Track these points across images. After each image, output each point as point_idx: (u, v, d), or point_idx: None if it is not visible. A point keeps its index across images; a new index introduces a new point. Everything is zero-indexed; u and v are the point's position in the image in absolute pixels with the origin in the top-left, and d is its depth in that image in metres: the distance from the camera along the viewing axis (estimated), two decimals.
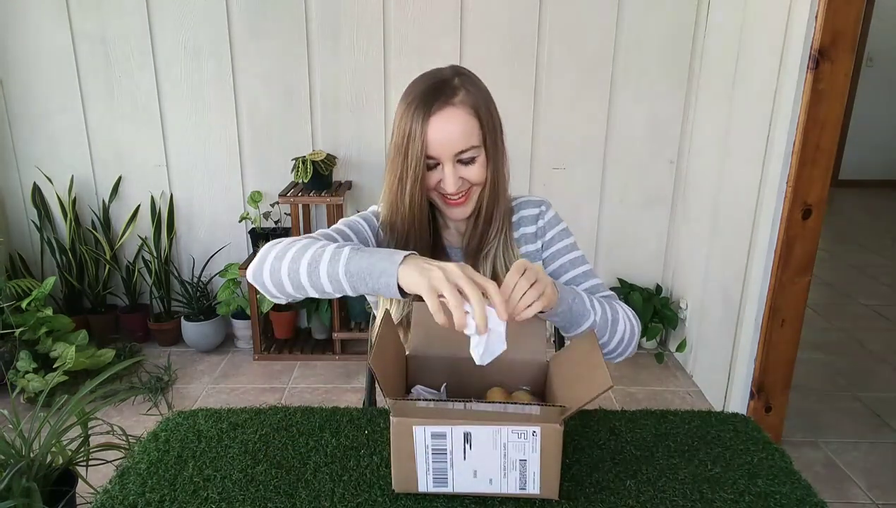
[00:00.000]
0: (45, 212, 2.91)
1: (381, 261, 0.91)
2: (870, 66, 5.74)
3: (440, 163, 1.07)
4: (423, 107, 1.05)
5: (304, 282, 0.98)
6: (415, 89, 1.08)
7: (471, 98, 1.07)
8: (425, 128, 1.04)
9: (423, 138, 1.04)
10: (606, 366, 0.85)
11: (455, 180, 1.07)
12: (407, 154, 1.06)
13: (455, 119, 1.05)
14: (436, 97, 1.05)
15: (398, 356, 1.00)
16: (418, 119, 1.04)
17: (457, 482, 0.86)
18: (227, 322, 3.04)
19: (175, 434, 1.02)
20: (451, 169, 1.07)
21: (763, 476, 0.93)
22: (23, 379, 2.42)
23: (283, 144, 2.86)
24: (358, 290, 0.95)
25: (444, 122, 1.05)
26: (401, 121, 1.07)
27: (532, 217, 1.23)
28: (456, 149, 1.06)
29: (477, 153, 1.08)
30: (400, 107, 1.08)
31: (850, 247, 4.60)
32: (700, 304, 2.73)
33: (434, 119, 1.04)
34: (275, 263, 1.00)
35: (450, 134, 1.05)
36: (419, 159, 1.05)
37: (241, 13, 2.71)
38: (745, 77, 2.36)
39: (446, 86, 1.07)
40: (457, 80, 1.08)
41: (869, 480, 2.14)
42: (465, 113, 1.06)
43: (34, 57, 2.76)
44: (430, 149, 1.05)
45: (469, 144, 1.07)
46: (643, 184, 2.92)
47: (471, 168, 1.09)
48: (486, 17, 2.70)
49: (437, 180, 1.09)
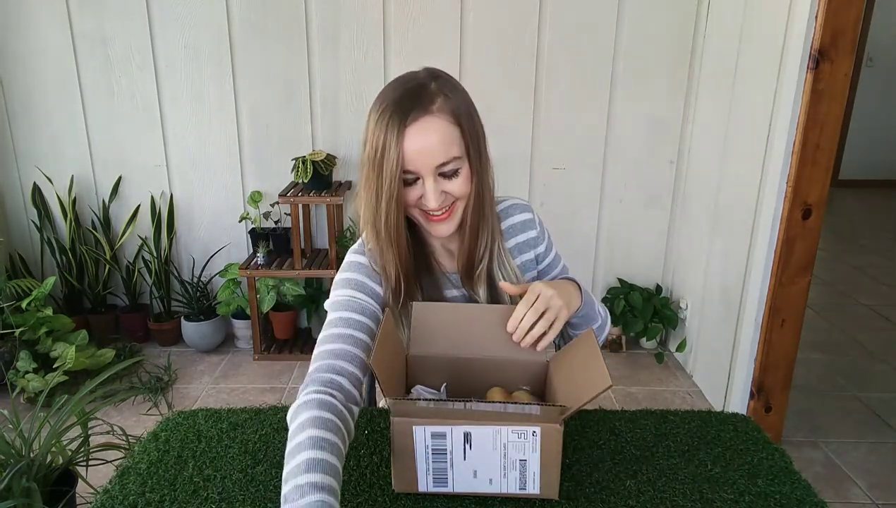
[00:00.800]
0: (45, 212, 2.91)
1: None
2: (870, 66, 5.74)
3: (419, 177, 0.98)
4: (398, 117, 0.94)
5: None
6: (387, 97, 0.97)
7: (450, 104, 0.97)
8: (401, 140, 0.94)
9: (399, 152, 0.94)
10: (606, 366, 0.85)
11: (437, 195, 0.98)
12: (381, 169, 0.96)
13: (434, 129, 0.95)
14: (412, 105, 0.95)
15: (398, 356, 1.00)
16: (392, 130, 0.94)
17: (457, 482, 0.86)
18: (227, 322, 3.04)
19: (175, 434, 1.02)
20: (433, 183, 0.97)
21: (763, 476, 0.93)
22: (23, 379, 2.42)
23: (283, 144, 2.86)
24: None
25: (422, 134, 0.94)
26: (373, 132, 0.96)
27: (523, 223, 1.16)
28: (436, 162, 0.96)
29: (459, 165, 0.99)
30: (372, 117, 0.98)
31: (850, 247, 4.60)
32: (700, 304, 2.73)
33: (410, 130, 0.94)
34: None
35: (429, 145, 0.95)
36: (395, 175, 0.95)
37: (241, 13, 2.71)
38: (745, 77, 2.36)
39: (423, 91, 0.96)
40: (433, 85, 0.97)
41: (869, 480, 2.14)
42: (445, 121, 0.96)
43: (34, 57, 2.76)
44: (407, 164, 0.95)
45: (451, 156, 0.97)
46: (643, 184, 2.92)
47: (454, 181, 0.99)
48: (486, 17, 2.70)
49: (416, 197, 0.99)
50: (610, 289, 3.02)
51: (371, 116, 0.98)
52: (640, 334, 2.88)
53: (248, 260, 2.86)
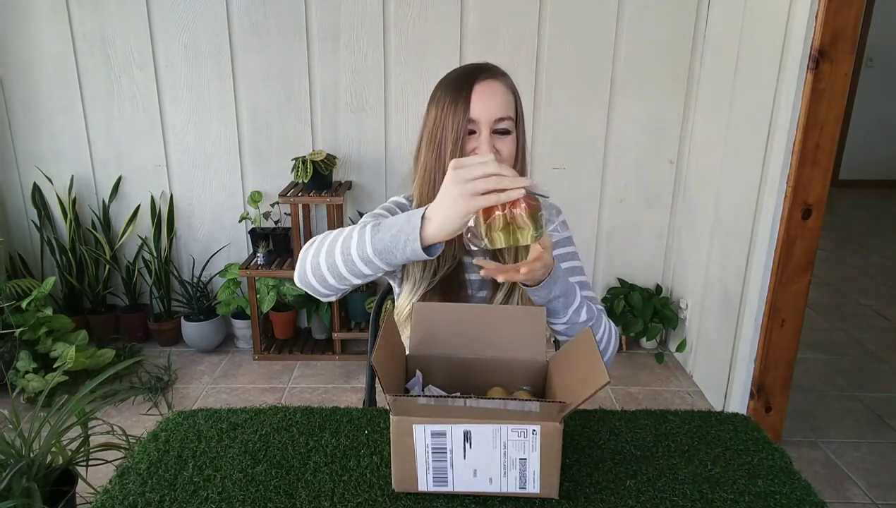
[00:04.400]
0: (45, 212, 2.91)
1: (403, 229, 0.93)
2: (870, 66, 5.74)
3: (477, 131, 1.10)
4: (468, 79, 1.10)
5: (344, 273, 1.01)
6: (453, 72, 1.14)
7: (509, 81, 1.15)
8: (469, 93, 1.09)
9: (467, 102, 1.09)
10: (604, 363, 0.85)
11: (490, 146, 1.10)
12: (449, 121, 1.09)
13: (498, 89, 1.11)
14: (480, 71, 1.12)
15: (399, 355, 1.00)
16: (462, 87, 1.10)
17: (457, 481, 0.86)
18: (227, 322, 3.04)
19: (175, 434, 1.02)
20: (488, 134, 1.10)
21: (763, 476, 0.93)
22: (23, 379, 2.42)
23: (283, 144, 2.86)
24: (393, 264, 0.97)
25: (489, 89, 1.10)
26: (440, 98, 1.11)
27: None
28: (496, 115, 1.10)
29: (511, 126, 1.12)
30: (436, 92, 1.13)
31: (850, 246, 4.60)
32: (700, 304, 2.73)
33: (479, 86, 1.10)
34: (314, 262, 1.03)
35: (491, 98, 1.10)
36: (462, 123, 1.08)
37: (241, 13, 2.71)
38: (745, 77, 2.36)
39: (488, 65, 1.14)
40: (497, 67, 1.15)
41: (869, 480, 2.14)
42: (506, 87, 1.13)
43: (34, 57, 2.76)
44: (472, 112, 1.09)
45: (507, 114, 1.11)
46: (643, 185, 2.92)
47: (504, 140, 1.12)
48: (486, 18, 2.70)
49: (472, 148, 1.11)
50: (610, 289, 3.02)
51: (435, 92, 1.14)
52: (640, 334, 2.88)
53: (248, 260, 2.86)
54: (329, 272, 1.01)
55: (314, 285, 1.05)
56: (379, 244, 0.95)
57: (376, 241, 0.95)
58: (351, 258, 0.98)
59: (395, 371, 0.96)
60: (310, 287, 1.06)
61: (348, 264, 0.99)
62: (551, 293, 1.06)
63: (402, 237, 0.92)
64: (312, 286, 1.06)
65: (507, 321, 1.02)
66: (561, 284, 1.07)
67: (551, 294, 1.06)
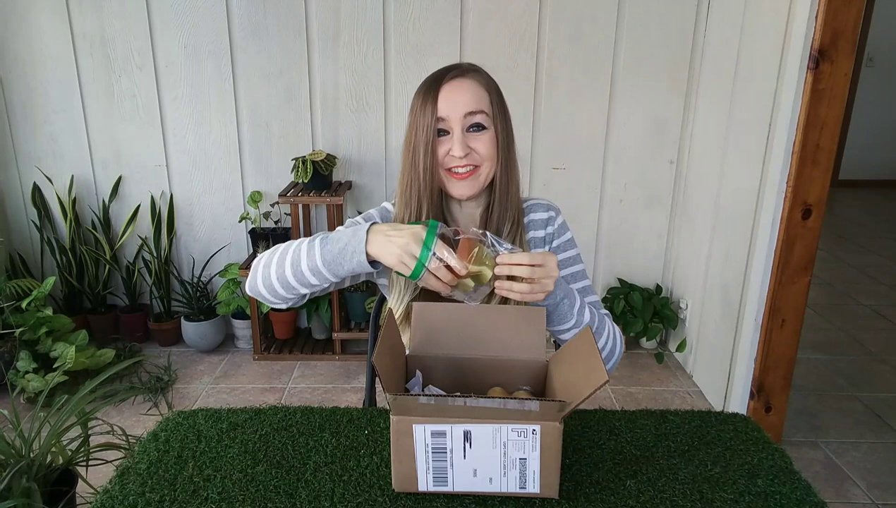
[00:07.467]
0: (45, 212, 2.91)
1: (350, 242, 0.98)
2: (870, 66, 5.74)
3: (450, 131, 1.10)
4: (437, 80, 1.11)
5: (293, 283, 1.04)
6: (429, 76, 1.14)
7: (482, 76, 1.14)
8: (437, 93, 1.09)
9: (435, 101, 1.08)
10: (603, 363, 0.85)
11: (463, 146, 1.09)
12: (420, 124, 1.10)
13: (465, 86, 1.10)
14: (448, 71, 1.12)
15: (400, 355, 1.00)
16: (431, 88, 1.10)
17: (457, 481, 0.86)
18: (227, 322, 3.04)
19: (175, 434, 1.02)
20: (460, 133, 1.09)
21: (763, 476, 0.93)
22: (23, 379, 2.42)
23: (283, 144, 2.86)
24: (340, 275, 1.01)
25: (456, 87, 1.10)
26: (413, 104, 1.12)
27: (542, 221, 1.23)
28: (465, 110, 1.09)
29: (485, 121, 1.11)
30: (413, 99, 1.14)
31: (850, 246, 4.60)
32: (700, 304, 2.73)
33: (446, 86, 1.10)
34: (264, 271, 1.07)
35: (459, 95, 1.09)
36: (431, 124, 1.08)
37: (241, 13, 2.71)
38: (745, 77, 2.36)
39: (458, 65, 1.15)
40: (469, 66, 1.15)
41: (869, 480, 2.14)
42: (476, 84, 1.12)
43: (34, 57, 2.76)
44: (439, 111, 1.08)
45: (478, 108, 1.10)
46: (643, 184, 2.92)
47: (480, 137, 1.10)
48: (486, 18, 2.70)
49: (446, 150, 1.11)
50: (610, 289, 3.02)
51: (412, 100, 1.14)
52: (640, 334, 2.88)
53: (248, 260, 2.86)
54: (279, 282, 1.05)
55: (263, 293, 1.09)
56: (328, 255, 1.00)
57: (325, 252, 1.00)
58: (300, 269, 1.02)
59: (395, 370, 0.96)
60: (258, 295, 1.10)
61: (297, 275, 1.03)
62: (556, 297, 1.05)
63: (349, 250, 0.98)
64: (261, 294, 1.09)
65: (507, 321, 1.02)
66: (562, 286, 1.07)
67: (556, 298, 1.05)
